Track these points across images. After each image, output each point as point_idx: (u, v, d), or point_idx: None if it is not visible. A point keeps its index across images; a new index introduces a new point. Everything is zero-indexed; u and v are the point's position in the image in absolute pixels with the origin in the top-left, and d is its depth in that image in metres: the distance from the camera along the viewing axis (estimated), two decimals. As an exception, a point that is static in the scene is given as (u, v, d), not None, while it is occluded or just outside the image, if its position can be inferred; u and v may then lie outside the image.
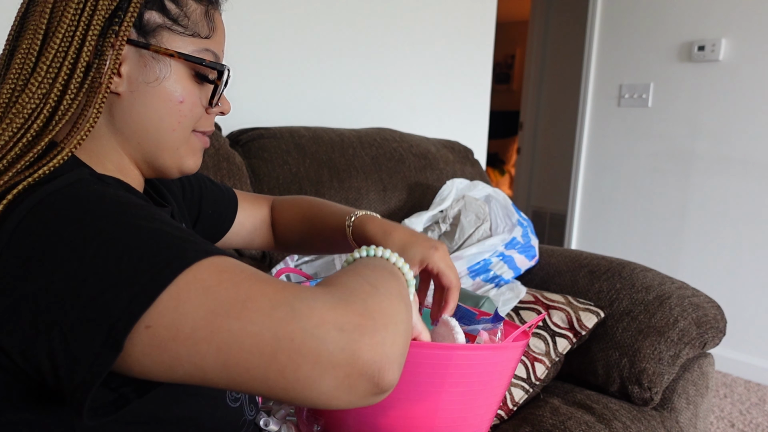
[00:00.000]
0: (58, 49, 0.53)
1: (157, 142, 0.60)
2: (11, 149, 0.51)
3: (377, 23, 1.91)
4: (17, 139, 0.51)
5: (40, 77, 0.52)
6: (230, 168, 1.30)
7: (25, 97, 0.52)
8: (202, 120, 0.63)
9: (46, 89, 0.52)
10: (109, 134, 0.59)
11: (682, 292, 1.24)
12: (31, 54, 0.53)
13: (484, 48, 2.29)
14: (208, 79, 0.61)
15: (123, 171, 0.61)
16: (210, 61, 0.60)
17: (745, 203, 2.46)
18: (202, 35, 0.60)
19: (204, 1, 0.61)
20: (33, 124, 0.52)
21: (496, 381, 0.67)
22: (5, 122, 0.52)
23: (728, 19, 2.44)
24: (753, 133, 2.42)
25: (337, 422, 0.68)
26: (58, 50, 0.53)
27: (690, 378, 1.20)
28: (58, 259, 0.43)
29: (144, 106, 0.58)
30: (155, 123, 0.59)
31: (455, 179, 1.50)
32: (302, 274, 0.89)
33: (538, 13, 3.85)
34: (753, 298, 2.46)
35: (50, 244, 0.44)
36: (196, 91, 0.61)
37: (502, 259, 1.36)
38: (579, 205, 3.01)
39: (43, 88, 0.52)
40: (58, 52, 0.53)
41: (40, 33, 0.53)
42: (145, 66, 0.57)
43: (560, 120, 3.72)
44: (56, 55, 0.53)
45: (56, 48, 0.53)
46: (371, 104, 1.94)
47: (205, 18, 0.61)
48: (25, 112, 0.52)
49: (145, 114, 0.58)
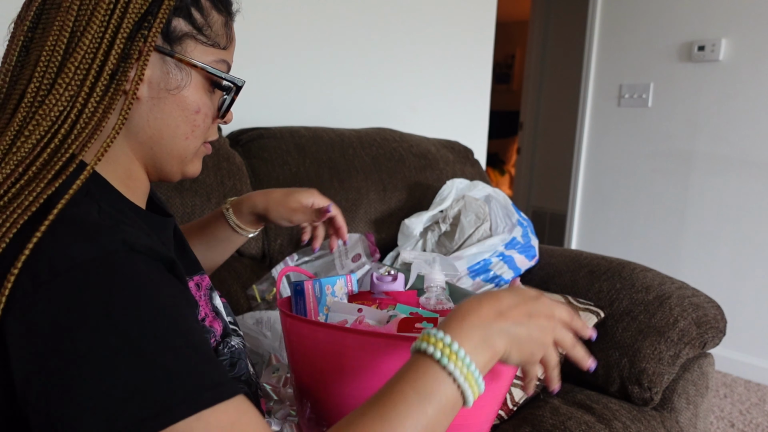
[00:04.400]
0: (87, 50, 0.51)
1: (169, 149, 0.60)
2: (38, 156, 0.50)
3: (377, 23, 1.91)
4: (44, 145, 0.50)
5: (68, 78, 0.51)
6: (230, 168, 1.30)
7: (51, 98, 0.50)
8: (211, 129, 0.64)
9: (74, 92, 0.51)
10: (122, 138, 0.58)
11: (682, 292, 1.24)
12: (56, 53, 0.51)
13: (484, 48, 2.29)
14: (221, 90, 0.61)
15: (131, 175, 0.60)
16: (229, 74, 0.60)
17: (745, 203, 2.46)
18: (221, 46, 0.60)
19: (224, 12, 0.61)
20: (60, 128, 0.51)
21: (496, 381, 0.67)
22: (32, 125, 0.50)
23: (728, 19, 2.44)
24: (753, 133, 2.42)
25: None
26: (87, 51, 0.51)
27: (690, 378, 1.20)
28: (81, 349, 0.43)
29: (162, 112, 0.57)
30: (171, 130, 0.59)
31: (455, 179, 1.50)
32: (304, 272, 0.89)
33: (538, 13, 3.85)
34: (753, 298, 2.46)
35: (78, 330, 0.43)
36: (209, 101, 0.60)
37: (502, 259, 1.36)
38: (579, 205, 3.01)
39: (71, 90, 0.51)
40: (87, 54, 0.51)
41: (66, 31, 0.51)
42: (167, 73, 0.56)
43: (560, 120, 3.72)
44: (85, 57, 0.51)
45: (85, 49, 0.51)
46: (371, 104, 1.94)
47: (225, 28, 0.61)
48: (52, 114, 0.50)
49: (162, 121, 0.58)
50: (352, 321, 0.74)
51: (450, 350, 0.51)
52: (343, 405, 0.67)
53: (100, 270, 0.45)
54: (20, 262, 0.44)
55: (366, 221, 1.47)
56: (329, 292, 0.78)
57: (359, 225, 1.46)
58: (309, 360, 0.69)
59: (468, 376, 0.51)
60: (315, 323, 0.70)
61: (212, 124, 0.63)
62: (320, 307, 0.76)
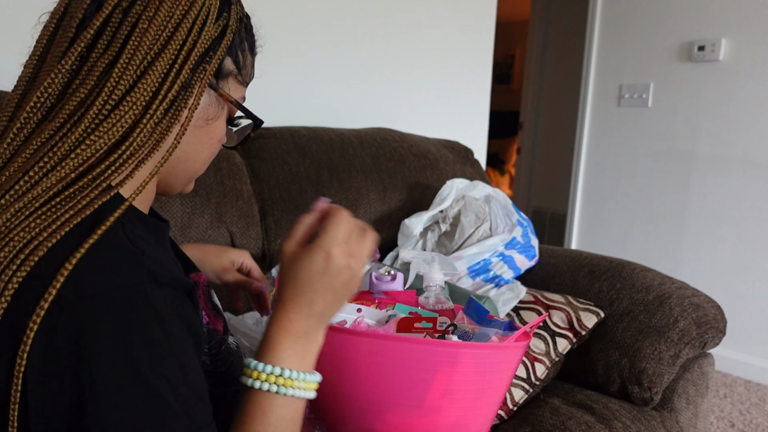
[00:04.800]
0: (159, 73, 0.53)
1: (187, 170, 0.62)
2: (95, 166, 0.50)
3: (377, 23, 1.91)
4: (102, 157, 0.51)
5: (136, 97, 0.52)
6: (230, 168, 1.30)
7: (117, 114, 0.51)
8: None
9: (138, 111, 0.52)
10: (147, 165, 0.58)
11: (682, 292, 1.24)
12: (129, 70, 0.52)
13: (484, 48, 2.29)
14: (234, 124, 0.66)
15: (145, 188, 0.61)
16: (255, 115, 0.65)
17: (745, 203, 2.46)
18: (248, 83, 0.65)
19: (254, 52, 0.66)
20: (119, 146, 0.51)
21: (497, 381, 0.67)
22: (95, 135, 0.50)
23: (728, 19, 2.44)
24: (753, 133, 2.42)
25: (338, 425, 0.68)
26: (159, 74, 0.53)
27: (690, 378, 1.20)
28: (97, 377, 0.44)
29: (195, 138, 0.60)
30: (196, 155, 0.61)
31: (455, 179, 1.50)
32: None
33: (538, 13, 3.85)
34: (753, 298, 2.46)
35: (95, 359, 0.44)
36: (226, 131, 0.65)
37: (502, 259, 1.36)
38: (579, 205, 3.00)
39: (137, 110, 0.52)
40: (158, 77, 0.53)
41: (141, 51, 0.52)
42: (209, 105, 0.60)
43: (560, 120, 3.72)
44: (155, 80, 0.53)
45: (158, 73, 0.53)
46: (371, 104, 1.94)
47: (252, 68, 0.66)
48: (114, 130, 0.51)
49: (192, 146, 0.60)
50: (352, 321, 0.74)
51: (283, 378, 0.53)
52: (341, 405, 0.67)
53: (124, 300, 0.46)
54: (59, 283, 0.44)
55: (366, 221, 1.47)
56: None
57: (359, 225, 1.45)
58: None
59: (306, 386, 0.54)
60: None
61: None
62: (320, 307, 0.76)
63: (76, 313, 0.44)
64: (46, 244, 0.46)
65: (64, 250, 0.46)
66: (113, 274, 0.47)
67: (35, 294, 0.44)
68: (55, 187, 0.49)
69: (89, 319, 0.45)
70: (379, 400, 0.64)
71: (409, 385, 0.63)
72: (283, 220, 1.36)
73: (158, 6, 0.53)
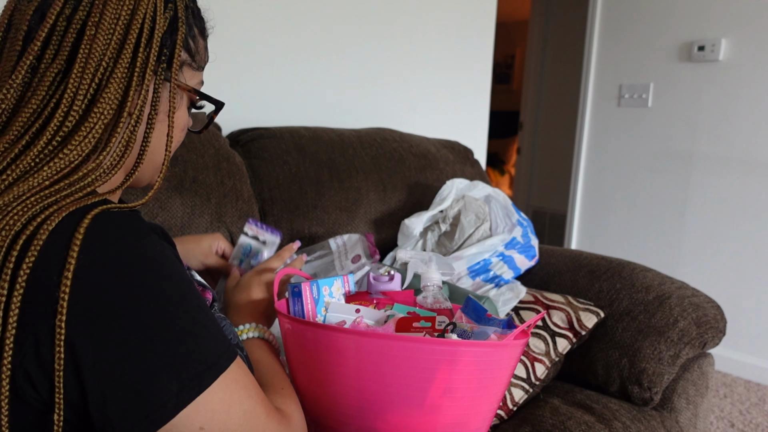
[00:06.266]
0: (121, 80, 0.54)
1: (154, 163, 0.63)
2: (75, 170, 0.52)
3: (377, 23, 1.91)
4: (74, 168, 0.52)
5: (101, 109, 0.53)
6: (230, 168, 1.30)
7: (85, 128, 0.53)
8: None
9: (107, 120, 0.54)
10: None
11: (682, 292, 1.24)
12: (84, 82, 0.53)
13: (484, 48, 2.29)
14: (197, 107, 0.67)
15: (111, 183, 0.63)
16: (215, 98, 0.65)
17: (745, 203, 2.46)
18: (203, 67, 0.66)
19: (205, 36, 0.66)
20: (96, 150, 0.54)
21: (497, 379, 0.67)
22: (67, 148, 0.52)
23: (728, 19, 2.44)
24: (753, 133, 2.42)
25: (339, 425, 0.68)
26: (121, 82, 0.54)
27: (690, 378, 1.20)
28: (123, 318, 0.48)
29: (159, 131, 0.61)
30: (161, 147, 0.62)
31: (455, 179, 1.50)
32: (302, 273, 0.89)
33: (538, 13, 3.85)
34: (753, 298, 2.46)
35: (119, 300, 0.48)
36: (188, 117, 0.66)
37: (502, 259, 1.36)
38: (579, 205, 3.00)
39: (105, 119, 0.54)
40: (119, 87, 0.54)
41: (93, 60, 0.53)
42: (168, 98, 0.60)
43: (560, 120, 3.72)
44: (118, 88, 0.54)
45: (117, 83, 0.54)
46: (371, 104, 1.94)
47: (206, 51, 0.66)
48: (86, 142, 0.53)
49: (157, 140, 0.61)
50: (351, 322, 0.74)
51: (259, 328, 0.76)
52: (341, 405, 0.67)
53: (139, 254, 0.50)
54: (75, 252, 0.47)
55: (366, 221, 1.47)
56: (327, 293, 0.78)
57: (359, 225, 1.46)
58: (306, 361, 0.69)
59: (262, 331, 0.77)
60: (312, 324, 0.70)
61: None
62: (318, 308, 0.76)
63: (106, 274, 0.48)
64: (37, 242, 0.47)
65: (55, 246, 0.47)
66: (124, 230, 0.51)
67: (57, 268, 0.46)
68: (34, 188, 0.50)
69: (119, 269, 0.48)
70: (380, 400, 0.65)
71: (409, 384, 0.63)
72: (283, 220, 1.36)
73: (102, 10, 0.54)
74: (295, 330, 0.70)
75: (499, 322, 0.72)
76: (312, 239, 1.39)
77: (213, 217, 1.23)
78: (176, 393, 0.48)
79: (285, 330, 0.72)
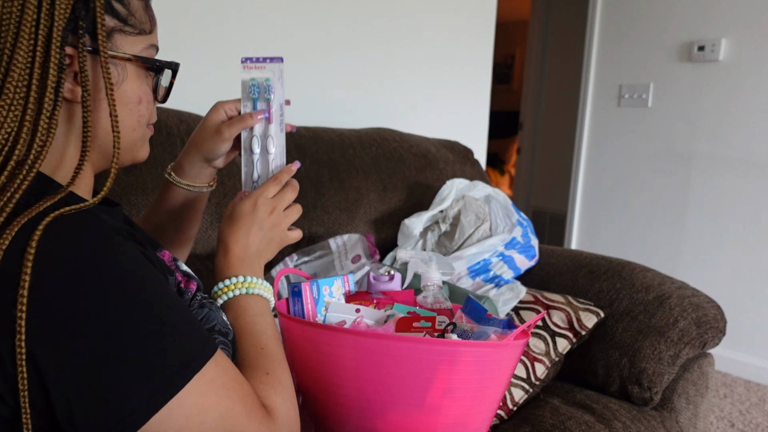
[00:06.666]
0: (23, 67, 0.50)
1: (122, 145, 0.60)
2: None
3: (377, 23, 1.91)
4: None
5: (8, 99, 0.50)
6: (230, 168, 1.30)
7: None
8: (152, 113, 0.65)
9: (19, 111, 0.50)
10: (66, 142, 0.57)
11: (682, 292, 1.24)
12: None
13: (484, 48, 2.28)
14: (155, 72, 0.62)
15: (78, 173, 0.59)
16: (163, 60, 0.61)
17: (745, 203, 2.46)
18: (147, 31, 0.60)
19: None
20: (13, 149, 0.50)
21: (497, 379, 0.67)
22: None
23: (728, 19, 2.44)
24: (753, 133, 2.42)
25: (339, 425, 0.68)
26: (23, 68, 0.50)
27: (690, 378, 1.20)
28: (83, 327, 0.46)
29: (105, 111, 0.57)
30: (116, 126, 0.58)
31: (455, 179, 1.50)
32: (302, 273, 0.89)
33: (538, 13, 3.85)
34: (753, 298, 2.46)
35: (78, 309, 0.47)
36: (147, 88, 0.61)
37: (502, 259, 1.36)
38: (579, 205, 3.00)
39: (16, 110, 0.50)
40: (23, 71, 0.50)
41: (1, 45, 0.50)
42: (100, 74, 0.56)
43: (560, 120, 3.72)
44: (21, 75, 0.50)
45: (21, 66, 0.50)
46: (371, 104, 1.94)
47: (146, 13, 0.60)
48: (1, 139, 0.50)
49: (106, 119, 0.57)
50: (351, 321, 0.74)
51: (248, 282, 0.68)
52: (342, 405, 0.67)
53: (99, 253, 0.49)
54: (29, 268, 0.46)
55: (366, 221, 1.47)
56: (327, 293, 0.78)
57: (359, 225, 1.46)
58: (306, 361, 0.68)
59: (266, 288, 0.70)
60: (312, 324, 0.70)
61: (153, 108, 0.65)
62: (318, 308, 0.76)
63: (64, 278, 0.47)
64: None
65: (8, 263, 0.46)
66: (79, 236, 0.49)
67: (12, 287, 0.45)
68: None
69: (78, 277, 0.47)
70: (380, 400, 0.65)
71: (409, 385, 0.63)
72: (283, 220, 1.36)
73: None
74: (296, 330, 0.70)
75: (500, 322, 0.72)
76: (312, 239, 1.39)
77: (213, 217, 1.23)
78: (147, 398, 0.47)
79: (285, 330, 0.72)
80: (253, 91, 0.79)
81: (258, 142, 0.78)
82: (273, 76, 0.81)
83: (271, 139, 0.78)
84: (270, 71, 0.81)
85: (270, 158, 0.78)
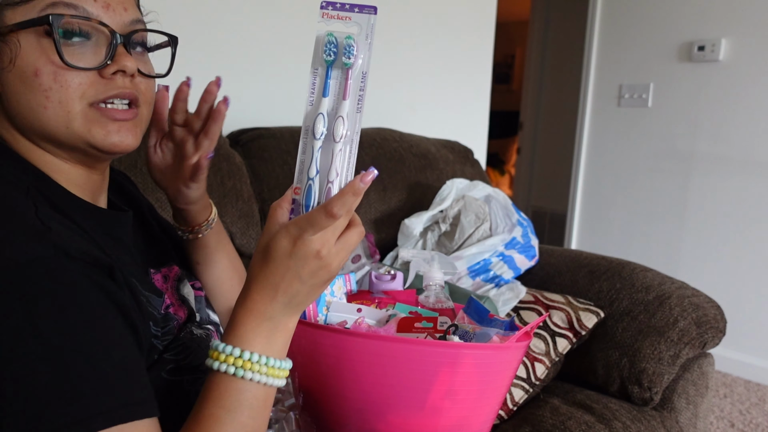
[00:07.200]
0: None
1: (41, 127, 0.54)
2: None
3: (377, 23, 1.90)
4: None
5: None
6: (230, 168, 1.30)
7: None
8: (94, 87, 0.54)
9: None
10: (17, 135, 0.56)
11: (682, 292, 1.24)
12: None
13: (484, 48, 2.28)
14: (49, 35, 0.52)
15: (58, 169, 0.57)
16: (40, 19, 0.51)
17: (745, 203, 2.46)
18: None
19: None
20: None
21: (499, 381, 0.67)
22: None
23: (728, 19, 2.44)
24: (753, 133, 2.42)
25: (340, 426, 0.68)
26: None
27: (690, 378, 1.20)
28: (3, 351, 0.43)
29: (15, 94, 0.53)
30: (28, 109, 0.53)
31: (455, 179, 1.50)
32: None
33: (538, 13, 3.85)
34: (753, 298, 2.46)
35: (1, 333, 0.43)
36: (49, 57, 0.52)
37: (502, 259, 1.36)
38: (579, 205, 3.00)
39: None
40: None
41: None
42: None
43: (560, 120, 3.72)
44: None
45: None
46: (371, 104, 1.94)
47: None
48: None
49: (18, 104, 0.53)
50: (352, 321, 0.74)
51: (242, 360, 0.51)
52: (342, 406, 0.67)
53: (29, 274, 0.44)
54: None
55: (366, 221, 1.47)
56: (328, 292, 0.78)
57: (359, 225, 1.45)
58: (307, 362, 0.68)
59: (269, 371, 0.52)
60: (313, 326, 0.70)
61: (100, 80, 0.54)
62: (319, 307, 0.76)
63: None
64: None
65: None
66: (19, 246, 0.45)
67: None
68: None
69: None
70: (381, 401, 0.64)
71: (410, 386, 0.63)
72: (283, 220, 1.36)
73: None
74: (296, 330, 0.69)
75: (502, 323, 0.72)
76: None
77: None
78: None
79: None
80: (328, 51, 0.60)
81: (324, 122, 0.57)
82: (359, 31, 0.59)
83: (342, 121, 0.56)
84: (356, 24, 0.59)
85: (336, 149, 0.55)
